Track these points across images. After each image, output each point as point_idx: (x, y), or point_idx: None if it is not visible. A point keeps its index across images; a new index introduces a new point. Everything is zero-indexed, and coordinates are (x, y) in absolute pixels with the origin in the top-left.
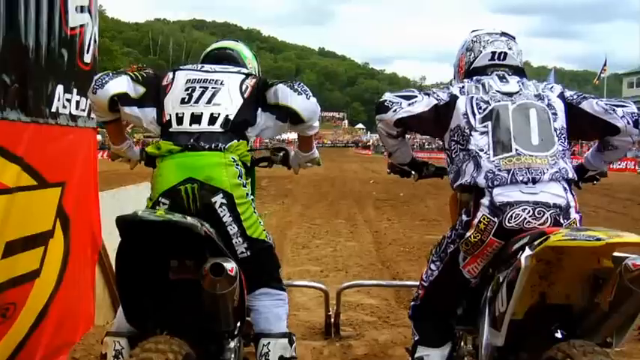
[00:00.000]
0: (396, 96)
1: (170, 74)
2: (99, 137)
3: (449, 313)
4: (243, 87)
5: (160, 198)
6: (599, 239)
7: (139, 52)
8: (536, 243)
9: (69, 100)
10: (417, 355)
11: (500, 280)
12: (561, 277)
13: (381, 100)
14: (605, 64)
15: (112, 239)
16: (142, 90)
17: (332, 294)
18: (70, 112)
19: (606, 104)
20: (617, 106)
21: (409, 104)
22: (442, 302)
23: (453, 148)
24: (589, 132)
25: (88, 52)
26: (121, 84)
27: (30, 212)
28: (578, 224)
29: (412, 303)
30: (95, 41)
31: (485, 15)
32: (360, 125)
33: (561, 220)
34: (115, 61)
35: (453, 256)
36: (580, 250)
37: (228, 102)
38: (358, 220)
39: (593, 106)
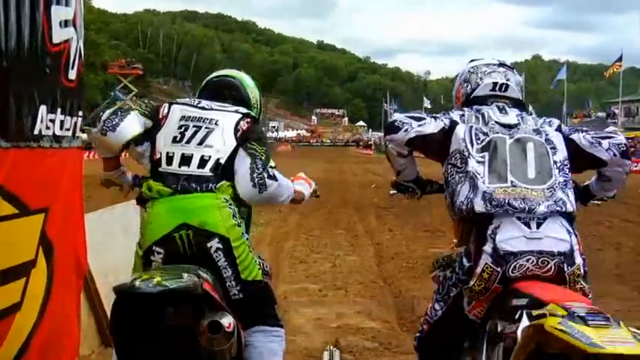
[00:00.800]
0: (406, 117)
1: (166, 107)
2: (84, 136)
3: (454, 348)
4: (237, 128)
5: (153, 247)
6: (591, 344)
7: (127, 45)
8: (534, 314)
9: (52, 121)
10: None
11: (498, 334)
12: None
13: (390, 120)
14: (620, 59)
15: (98, 262)
16: (150, 123)
17: (332, 316)
18: (53, 132)
19: (593, 137)
20: (604, 138)
21: (419, 125)
22: (447, 339)
23: (449, 172)
24: (580, 164)
25: (72, 69)
26: (134, 125)
27: (11, 243)
28: (582, 270)
29: (417, 335)
30: (80, 56)
31: (491, 6)
32: (361, 123)
33: (565, 268)
34: (102, 55)
35: (456, 300)
36: None
37: (221, 144)
38: (359, 230)
39: (580, 139)
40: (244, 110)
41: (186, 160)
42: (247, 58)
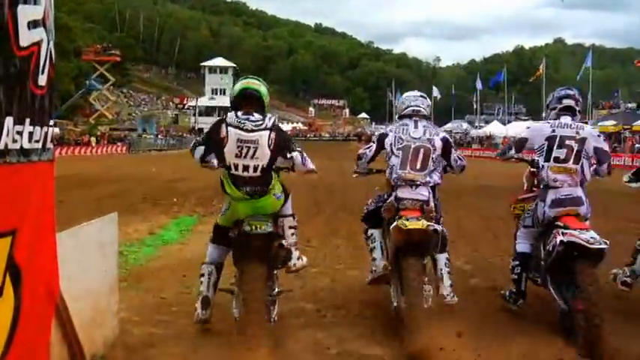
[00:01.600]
0: (364, 149)
1: (224, 129)
2: (57, 130)
3: (373, 223)
4: (270, 142)
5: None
6: (404, 226)
7: (103, 28)
8: (397, 219)
9: (20, 133)
10: (369, 233)
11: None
12: None
13: (358, 154)
14: None
15: (70, 286)
16: (204, 147)
17: (331, 340)
18: (21, 146)
19: (459, 162)
20: (460, 159)
21: (369, 151)
22: (373, 219)
23: (385, 159)
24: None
25: (42, 74)
26: (198, 153)
27: None
28: (433, 208)
29: (365, 210)
30: (51, 59)
31: None
32: (364, 115)
33: (424, 207)
34: (76, 40)
35: (379, 207)
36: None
37: (262, 156)
38: (360, 240)
39: (454, 159)
40: (269, 124)
41: (246, 167)
42: (237, 43)
